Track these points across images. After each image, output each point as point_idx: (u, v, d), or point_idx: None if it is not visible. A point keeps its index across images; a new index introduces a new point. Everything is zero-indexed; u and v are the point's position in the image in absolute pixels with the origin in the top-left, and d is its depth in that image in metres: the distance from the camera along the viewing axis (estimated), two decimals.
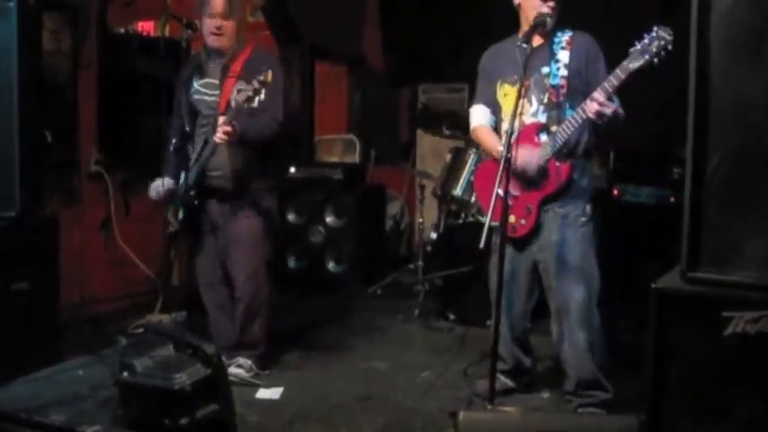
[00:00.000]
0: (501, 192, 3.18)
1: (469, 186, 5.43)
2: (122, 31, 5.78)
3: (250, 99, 3.68)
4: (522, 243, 3.71)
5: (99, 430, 3.37)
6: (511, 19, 3.77)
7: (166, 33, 4.90)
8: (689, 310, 2.53)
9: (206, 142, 4.01)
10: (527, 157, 3.52)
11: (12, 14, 3.96)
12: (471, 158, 5.49)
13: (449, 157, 5.74)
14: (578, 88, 3.51)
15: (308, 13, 7.02)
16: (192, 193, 4.06)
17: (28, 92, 4.05)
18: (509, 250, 3.60)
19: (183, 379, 3.23)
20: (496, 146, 3.65)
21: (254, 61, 4.04)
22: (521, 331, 3.91)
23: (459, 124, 6.08)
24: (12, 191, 4.02)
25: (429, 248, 5.75)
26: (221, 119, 3.86)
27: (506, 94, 3.72)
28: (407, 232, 7.90)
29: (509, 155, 3.15)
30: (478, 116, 3.86)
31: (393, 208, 7.73)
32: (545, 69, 3.59)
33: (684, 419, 2.54)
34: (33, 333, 4.08)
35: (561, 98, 3.55)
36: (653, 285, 2.59)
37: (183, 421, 3.24)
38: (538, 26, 3.50)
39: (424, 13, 7.60)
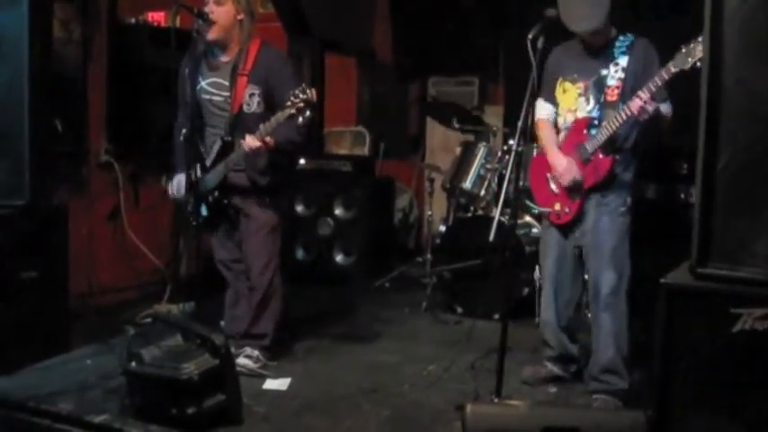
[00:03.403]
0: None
1: (479, 180, 5.43)
2: (133, 21, 5.78)
3: (293, 116, 3.67)
4: (566, 229, 3.87)
5: (107, 419, 3.39)
6: (521, 12, 3.77)
7: (177, 24, 4.88)
8: (698, 305, 2.53)
9: (224, 143, 3.99)
10: (564, 168, 3.77)
11: (23, 4, 3.97)
12: (481, 152, 5.48)
13: (458, 150, 5.73)
14: (633, 90, 3.60)
15: (318, 6, 7.00)
16: (217, 194, 4.05)
17: (38, 82, 4.06)
18: (556, 236, 3.91)
19: (190, 369, 3.25)
20: (551, 147, 3.89)
21: (264, 61, 4.01)
22: (568, 318, 4.00)
23: (469, 118, 6.08)
24: (21, 180, 4.03)
25: (438, 241, 5.74)
26: (249, 138, 3.82)
27: (565, 90, 3.87)
28: (416, 225, 7.89)
29: (520, 148, 3.46)
30: (541, 110, 4.01)
31: (402, 201, 7.71)
32: (604, 71, 3.73)
33: (692, 415, 2.54)
34: (42, 322, 4.10)
35: (616, 98, 3.69)
36: (662, 280, 2.58)
37: (191, 410, 3.26)
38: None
39: (434, 6, 7.57)
